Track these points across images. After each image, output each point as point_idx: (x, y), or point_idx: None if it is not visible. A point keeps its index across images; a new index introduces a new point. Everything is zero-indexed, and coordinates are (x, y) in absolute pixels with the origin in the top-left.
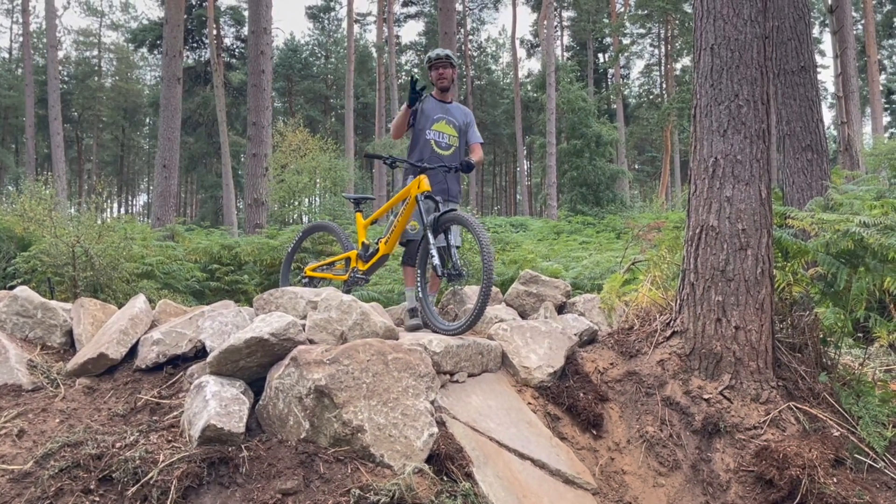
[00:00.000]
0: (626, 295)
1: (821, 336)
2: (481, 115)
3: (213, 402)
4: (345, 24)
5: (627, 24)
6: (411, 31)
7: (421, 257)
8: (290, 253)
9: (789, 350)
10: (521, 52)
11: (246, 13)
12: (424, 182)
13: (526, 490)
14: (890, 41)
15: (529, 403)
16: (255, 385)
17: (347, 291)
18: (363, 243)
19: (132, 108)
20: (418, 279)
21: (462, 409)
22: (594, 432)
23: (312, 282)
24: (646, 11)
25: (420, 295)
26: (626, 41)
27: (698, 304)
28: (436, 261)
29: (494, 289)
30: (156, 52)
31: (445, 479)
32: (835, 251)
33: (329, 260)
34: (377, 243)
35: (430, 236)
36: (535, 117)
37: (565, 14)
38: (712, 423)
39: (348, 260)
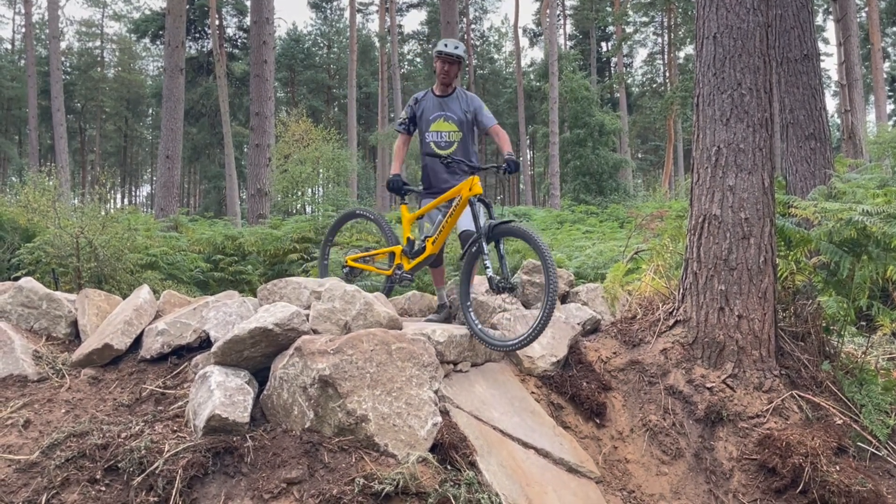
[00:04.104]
0: (629, 284)
1: (823, 325)
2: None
3: (218, 392)
4: (347, 14)
5: (630, 12)
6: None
7: (467, 263)
8: (325, 241)
9: (792, 339)
10: (524, 41)
11: (248, 3)
12: (477, 184)
13: (529, 479)
14: (894, 29)
15: (533, 393)
16: (260, 375)
17: (390, 289)
18: (409, 239)
19: (135, 99)
20: (459, 287)
21: (466, 398)
22: (597, 421)
23: (353, 272)
24: (648, 0)
25: (460, 304)
26: (628, 30)
27: (701, 293)
28: (490, 272)
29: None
30: (158, 42)
31: (449, 468)
32: (838, 240)
33: (373, 252)
34: (423, 241)
35: (484, 244)
36: (538, 107)
37: (568, 3)
38: (715, 411)
39: (392, 255)
